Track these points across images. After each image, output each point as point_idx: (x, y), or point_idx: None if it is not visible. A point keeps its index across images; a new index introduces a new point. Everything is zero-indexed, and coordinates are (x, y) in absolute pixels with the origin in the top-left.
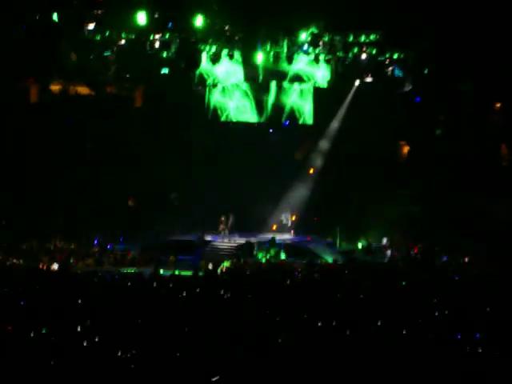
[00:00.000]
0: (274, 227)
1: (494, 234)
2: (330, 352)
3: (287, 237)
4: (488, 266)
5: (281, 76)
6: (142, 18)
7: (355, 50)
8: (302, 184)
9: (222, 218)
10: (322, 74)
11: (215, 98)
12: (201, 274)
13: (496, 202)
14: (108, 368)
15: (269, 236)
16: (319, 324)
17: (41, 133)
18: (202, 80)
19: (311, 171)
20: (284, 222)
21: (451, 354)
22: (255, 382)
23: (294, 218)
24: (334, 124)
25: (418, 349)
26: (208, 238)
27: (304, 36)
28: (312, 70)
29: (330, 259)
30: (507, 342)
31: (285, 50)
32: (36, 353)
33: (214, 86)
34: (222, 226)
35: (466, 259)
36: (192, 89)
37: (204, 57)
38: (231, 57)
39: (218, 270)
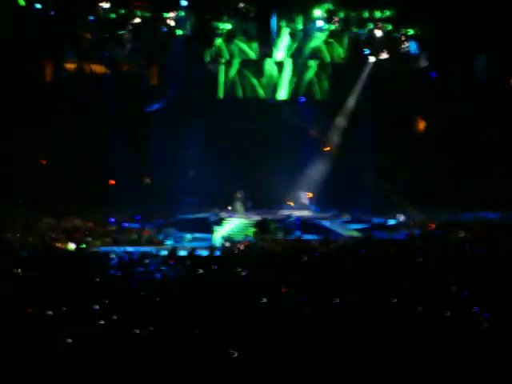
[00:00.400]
0: (292, 204)
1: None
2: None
3: (305, 213)
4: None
5: (296, 53)
6: None
7: (370, 26)
8: (320, 160)
9: (238, 195)
10: (337, 51)
11: (230, 74)
12: (218, 253)
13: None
14: (125, 345)
15: (286, 213)
16: (337, 301)
17: (58, 110)
18: (218, 57)
19: (328, 148)
20: (302, 199)
21: (469, 330)
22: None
23: (310, 195)
24: (351, 100)
25: (434, 325)
26: (224, 215)
27: (319, 12)
28: (327, 46)
29: (345, 236)
30: None
31: (300, 26)
32: (53, 331)
33: (229, 62)
34: (237, 204)
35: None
36: (206, 66)
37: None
38: (246, 34)
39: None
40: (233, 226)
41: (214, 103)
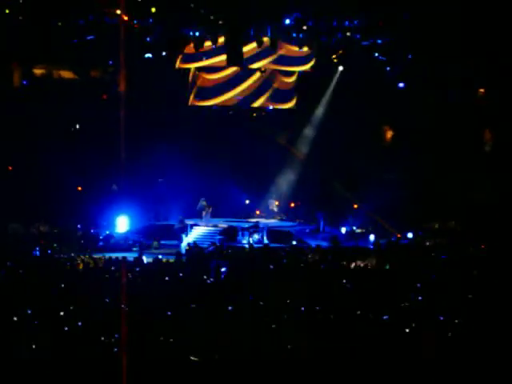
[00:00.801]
0: (258, 212)
1: (476, 218)
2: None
3: (272, 221)
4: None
5: (264, 60)
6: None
7: (339, 35)
8: (288, 169)
9: (203, 203)
10: (305, 59)
11: (198, 82)
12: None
13: (477, 186)
14: (91, 352)
15: (253, 221)
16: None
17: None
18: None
19: (297, 156)
20: (270, 207)
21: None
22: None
23: (277, 204)
24: (318, 109)
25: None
26: (189, 222)
27: (288, 21)
28: (296, 54)
29: (313, 244)
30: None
31: (269, 34)
32: (18, 336)
33: (198, 70)
34: (204, 211)
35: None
36: (174, 72)
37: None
38: (215, 41)
39: None
40: (199, 233)
41: (183, 111)
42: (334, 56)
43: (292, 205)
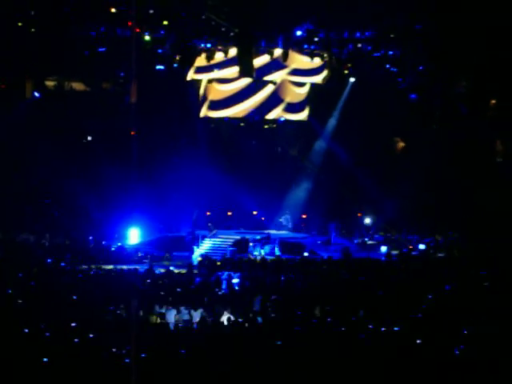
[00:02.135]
0: (263, 219)
1: (484, 228)
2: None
3: (283, 233)
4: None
5: (276, 72)
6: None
7: (350, 46)
8: (300, 181)
9: (208, 213)
10: (317, 71)
11: (210, 93)
12: (195, 271)
13: (489, 196)
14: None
15: (265, 232)
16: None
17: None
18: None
19: (308, 167)
20: (284, 223)
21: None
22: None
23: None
24: (331, 120)
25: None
26: (199, 234)
27: (299, 32)
28: (307, 66)
29: (324, 256)
30: None
31: (280, 45)
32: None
33: (210, 82)
34: (210, 223)
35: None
36: (186, 84)
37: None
38: (226, 53)
39: None
40: (211, 244)
41: (195, 122)
42: (345, 67)
43: (304, 216)
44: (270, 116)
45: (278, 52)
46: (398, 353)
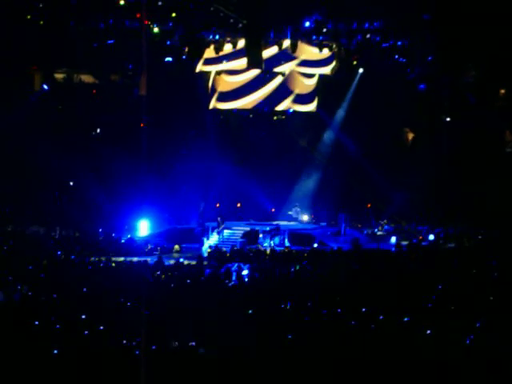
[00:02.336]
0: (273, 210)
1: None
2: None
3: (293, 224)
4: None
5: (285, 63)
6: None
7: (359, 37)
8: (310, 172)
9: (217, 205)
10: (326, 62)
11: (219, 85)
12: (205, 262)
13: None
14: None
15: (274, 224)
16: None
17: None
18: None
19: (318, 158)
20: (294, 215)
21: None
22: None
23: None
24: (339, 111)
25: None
26: (209, 225)
27: (308, 23)
28: (316, 57)
29: (334, 247)
30: None
31: (288, 36)
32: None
33: (218, 73)
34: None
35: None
36: (195, 76)
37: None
38: (234, 44)
39: None
40: (220, 236)
41: (204, 114)
42: (353, 58)
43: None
44: (279, 107)
45: (286, 43)
46: (407, 343)
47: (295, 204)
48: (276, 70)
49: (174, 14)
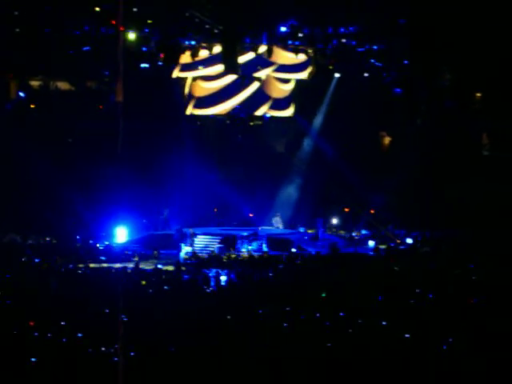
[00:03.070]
0: (251, 215)
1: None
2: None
3: (271, 229)
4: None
5: (260, 68)
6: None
7: (334, 41)
8: (289, 178)
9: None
10: (302, 67)
11: (195, 91)
12: (183, 268)
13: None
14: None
15: (252, 229)
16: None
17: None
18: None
19: (295, 163)
20: (275, 225)
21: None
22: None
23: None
24: (316, 116)
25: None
26: (190, 231)
27: (283, 28)
28: (292, 62)
29: (312, 251)
30: None
31: (264, 42)
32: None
33: (195, 79)
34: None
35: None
36: (171, 82)
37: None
38: (210, 50)
39: None
40: (198, 242)
41: (180, 120)
42: (330, 63)
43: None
44: (257, 113)
45: (262, 48)
46: (386, 347)
47: (276, 214)
48: (253, 75)
49: (149, 21)
